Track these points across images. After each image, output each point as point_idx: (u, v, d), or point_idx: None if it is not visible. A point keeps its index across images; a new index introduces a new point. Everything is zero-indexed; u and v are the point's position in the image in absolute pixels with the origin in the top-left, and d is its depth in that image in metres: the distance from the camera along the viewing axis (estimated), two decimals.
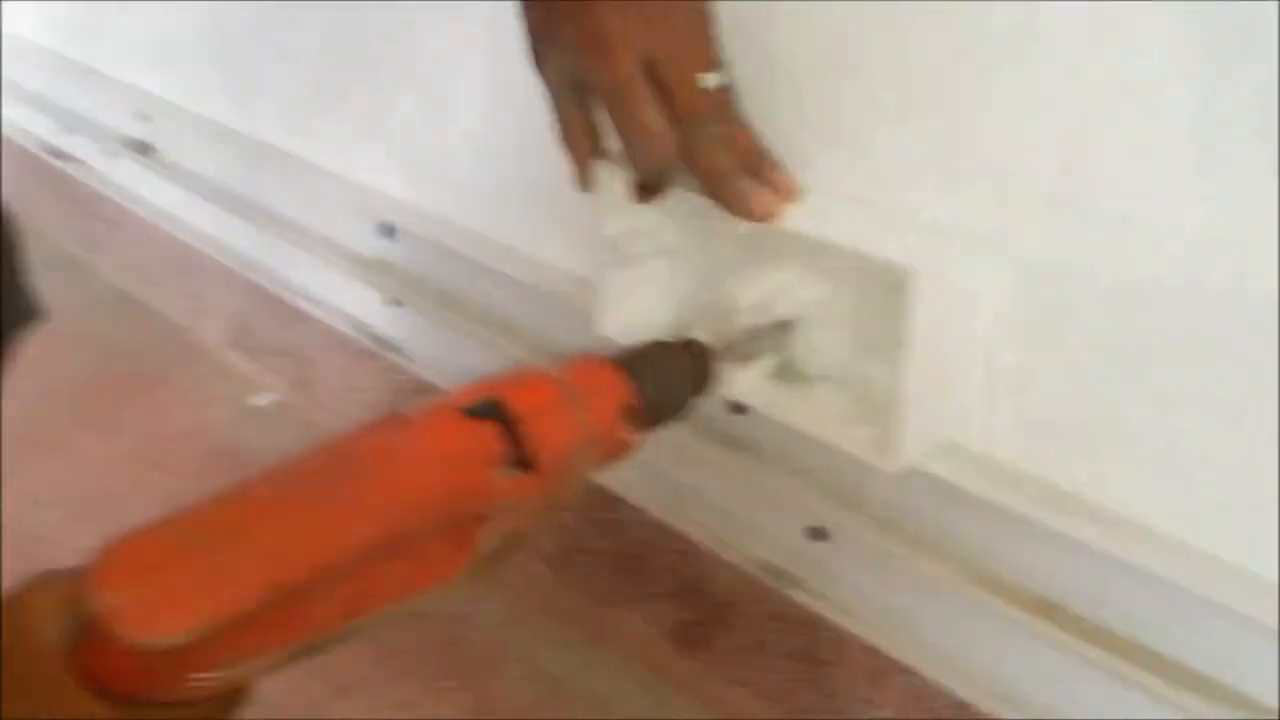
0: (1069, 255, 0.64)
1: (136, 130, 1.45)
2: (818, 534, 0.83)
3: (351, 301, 1.22)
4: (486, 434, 0.55)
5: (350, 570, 0.51)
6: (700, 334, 0.70)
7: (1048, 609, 0.71)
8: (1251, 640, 0.62)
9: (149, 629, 0.45)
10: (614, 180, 0.73)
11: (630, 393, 0.62)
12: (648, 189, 0.71)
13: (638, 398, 0.62)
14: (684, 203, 0.73)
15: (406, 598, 0.55)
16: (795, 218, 0.70)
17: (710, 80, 0.67)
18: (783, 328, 0.73)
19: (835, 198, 0.72)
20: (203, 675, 0.48)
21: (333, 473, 0.53)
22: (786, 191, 0.70)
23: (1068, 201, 0.63)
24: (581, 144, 0.73)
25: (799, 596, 0.86)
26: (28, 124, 1.69)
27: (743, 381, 0.73)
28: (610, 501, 1.00)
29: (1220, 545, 0.63)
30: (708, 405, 0.80)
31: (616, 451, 0.62)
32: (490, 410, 0.55)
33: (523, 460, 0.55)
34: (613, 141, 0.71)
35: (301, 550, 0.50)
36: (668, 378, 0.64)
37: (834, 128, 0.72)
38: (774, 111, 0.72)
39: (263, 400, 1.38)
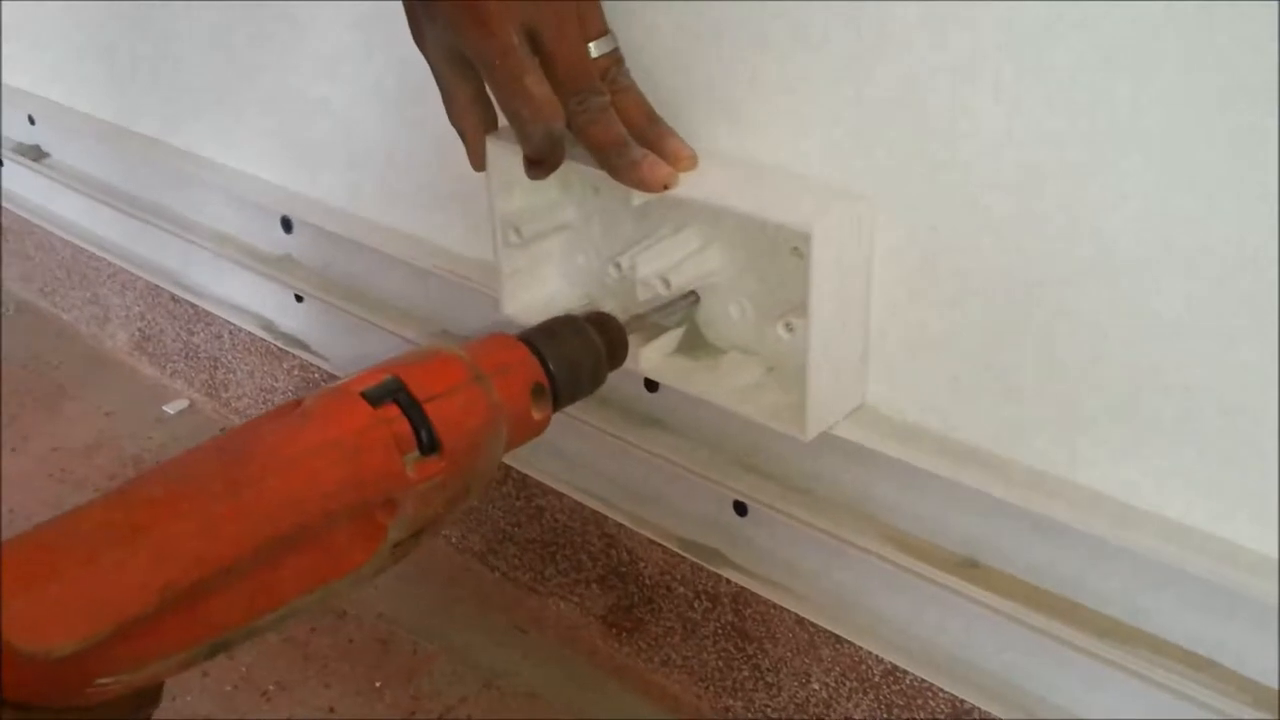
0: (965, 212, 0.64)
1: (27, 135, 1.41)
2: (739, 508, 0.83)
3: (256, 300, 1.20)
4: (389, 418, 0.54)
5: (254, 565, 0.50)
6: (607, 308, 0.69)
7: (968, 567, 0.72)
8: (1156, 578, 0.63)
9: (40, 639, 0.44)
10: (506, 157, 0.72)
11: (538, 370, 0.61)
12: (540, 163, 0.69)
13: (546, 375, 0.61)
14: (579, 175, 0.72)
15: (315, 589, 0.53)
16: (691, 185, 0.68)
17: (596, 48, 0.66)
18: (688, 299, 0.72)
19: (730, 163, 0.70)
20: (106, 679, 0.47)
21: (230, 468, 0.51)
22: (680, 159, 0.69)
23: (961, 160, 0.62)
24: (470, 120, 0.71)
25: (726, 573, 0.86)
26: None
27: (651, 356, 0.73)
28: (533, 489, 0.99)
29: (1132, 494, 0.63)
30: (622, 385, 0.80)
31: (527, 431, 0.61)
32: (392, 393, 0.54)
33: (429, 444, 0.54)
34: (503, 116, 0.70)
35: (199, 551, 0.48)
36: (576, 353, 0.63)
37: (722, 92, 0.71)
38: (662, 77, 0.71)
39: (173, 408, 1.36)
